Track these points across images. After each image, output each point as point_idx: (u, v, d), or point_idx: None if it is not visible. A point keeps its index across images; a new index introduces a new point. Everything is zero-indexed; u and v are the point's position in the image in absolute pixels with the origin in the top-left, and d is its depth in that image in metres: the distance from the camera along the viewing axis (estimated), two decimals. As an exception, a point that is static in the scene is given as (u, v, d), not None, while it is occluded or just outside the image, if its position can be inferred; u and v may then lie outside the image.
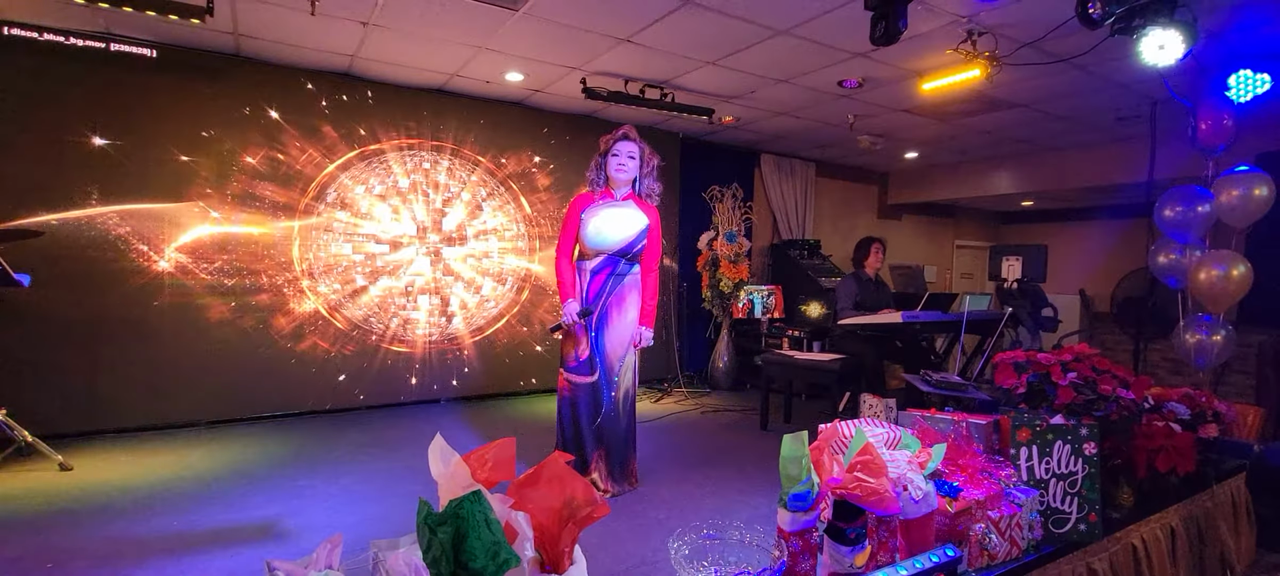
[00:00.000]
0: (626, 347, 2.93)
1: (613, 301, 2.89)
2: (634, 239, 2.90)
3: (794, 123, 5.65)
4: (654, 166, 3.03)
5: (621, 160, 2.90)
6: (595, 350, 2.86)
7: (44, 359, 3.73)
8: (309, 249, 4.48)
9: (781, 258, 6.77)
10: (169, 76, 3.99)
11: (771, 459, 3.58)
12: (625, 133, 2.94)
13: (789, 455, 1.75)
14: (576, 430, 2.88)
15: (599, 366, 2.87)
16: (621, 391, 2.93)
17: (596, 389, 2.87)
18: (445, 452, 1.39)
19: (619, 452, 2.94)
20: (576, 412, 2.87)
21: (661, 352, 5.99)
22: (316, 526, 2.56)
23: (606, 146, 2.93)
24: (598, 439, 2.88)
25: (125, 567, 2.19)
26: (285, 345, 4.41)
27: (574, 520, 1.39)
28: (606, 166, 2.91)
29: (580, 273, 2.91)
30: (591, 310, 2.85)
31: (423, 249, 4.91)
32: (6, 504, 2.76)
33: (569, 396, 2.89)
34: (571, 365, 2.88)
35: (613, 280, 2.89)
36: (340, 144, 4.55)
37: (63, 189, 3.77)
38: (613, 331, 2.89)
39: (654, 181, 3.03)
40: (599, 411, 2.88)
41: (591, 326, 2.86)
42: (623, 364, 2.92)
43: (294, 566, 1.54)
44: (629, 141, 2.93)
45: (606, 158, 2.92)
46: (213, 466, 3.33)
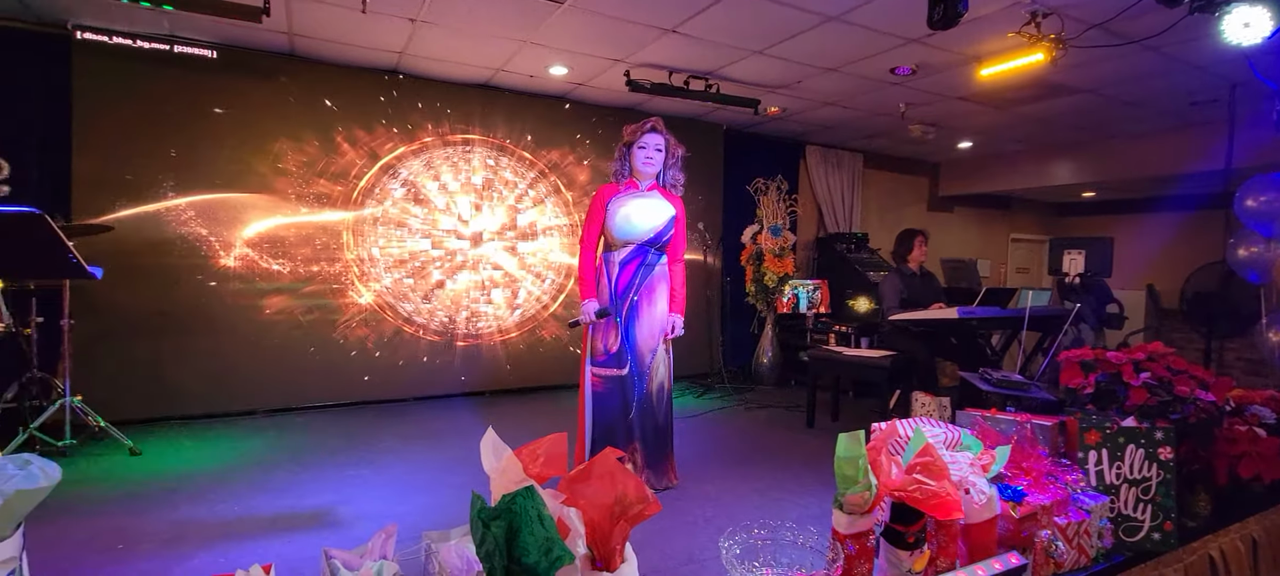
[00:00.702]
0: (658, 339, 2.88)
1: (643, 292, 2.84)
2: (663, 229, 2.87)
3: (842, 113, 5.51)
4: (678, 158, 2.98)
5: (649, 152, 2.86)
6: (626, 343, 2.81)
7: (115, 349, 3.92)
8: (359, 243, 4.59)
9: (828, 251, 6.62)
10: (228, 76, 4.13)
11: (820, 456, 3.51)
12: (652, 125, 2.90)
13: (845, 455, 1.69)
14: (609, 425, 2.82)
15: (630, 359, 2.82)
16: (656, 384, 2.88)
17: (627, 382, 2.81)
18: (497, 447, 1.38)
19: (657, 448, 2.89)
20: (609, 407, 2.82)
21: (704, 348, 5.94)
22: (368, 515, 2.61)
23: (632, 137, 2.89)
24: (630, 433, 2.83)
25: (189, 550, 2.27)
26: (336, 336, 4.53)
27: (625, 517, 1.36)
28: (632, 158, 2.88)
29: (608, 265, 2.88)
30: (609, 312, 2.81)
31: (468, 242, 4.97)
32: (81, 486, 2.91)
33: (600, 391, 2.83)
34: (600, 359, 2.83)
35: (642, 271, 2.84)
36: (389, 140, 4.64)
37: (131, 186, 3.95)
38: (643, 323, 2.84)
39: (678, 172, 2.98)
40: (630, 405, 2.82)
41: (621, 318, 2.82)
42: (655, 356, 2.87)
43: (349, 555, 1.57)
44: (656, 133, 2.89)
45: (632, 149, 2.88)
46: (270, 453, 3.44)
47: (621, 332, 2.81)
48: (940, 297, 4.36)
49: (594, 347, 2.85)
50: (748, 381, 5.80)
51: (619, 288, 2.82)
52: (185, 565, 2.16)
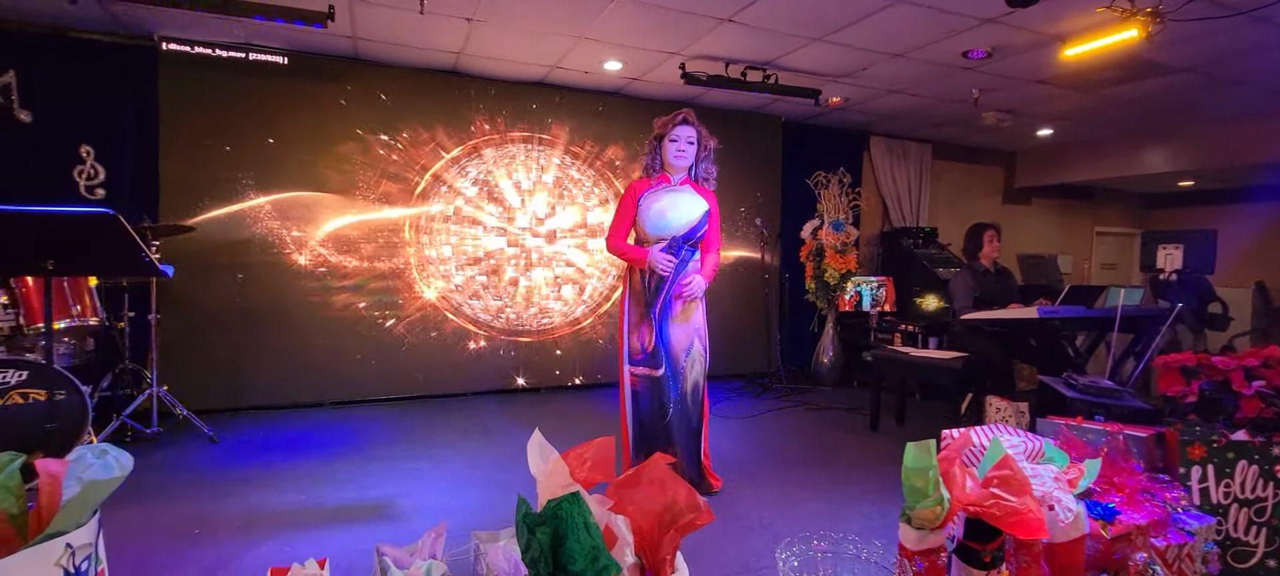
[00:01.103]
0: (692, 338, 2.77)
1: (676, 291, 2.75)
2: (697, 224, 2.77)
3: (909, 101, 5.25)
4: (711, 150, 2.87)
5: (681, 145, 2.77)
6: (660, 341, 2.72)
7: (197, 342, 4.16)
8: (419, 240, 4.70)
9: (893, 247, 6.35)
10: (298, 80, 4.30)
11: (884, 462, 3.35)
12: (684, 116, 2.80)
13: (914, 465, 1.57)
14: (647, 427, 2.75)
15: (664, 358, 2.73)
16: (690, 384, 2.77)
17: (663, 383, 2.72)
18: (544, 449, 1.35)
19: (690, 450, 2.78)
20: (645, 408, 2.74)
21: (761, 346, 5.80)
22: (425, 509, 2.65)
23: (663, 130, 2.80)
24: (668, 436, 2.75)
25: (259, 538, 2.35)
26: (398, 331, 4.66)
27: (676, 526, 1.30)
28: (663, 151, 2.80)
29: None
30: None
31: (524, 239, 5.01)
32: (165, 470, 3.08)
33: (639, 390, 2.76)
34: (637, 358, 2.76)
35: (676, 267, 2.75)
36: (448, 139, 4.73)
37: (211, 188, 4.16)
38: (677, 323, 2.75)
39: (711, 165, 2.87)
40: (667, 407, 2.73)
41: (655, 316, 2.74)
42: (689, 355, 2.76)
43: (400, 553, 1.57)
44: (688, 125, 2.79)
45: (663, 142, 2.80)
46: (337, 445, 3.56)
47: (656, 331, 2.72)
48: (1016, 296, 4.09)
49: (630, 346, 2.78)
50: (807, 381, 5.63)
51: (652, 286, 2.75)
52: (254, 553, 2.24)
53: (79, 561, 1.36)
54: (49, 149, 3.90)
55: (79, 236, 1.75)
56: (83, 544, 1.37)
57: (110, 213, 1.71)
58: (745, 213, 5.78)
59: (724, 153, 5.74)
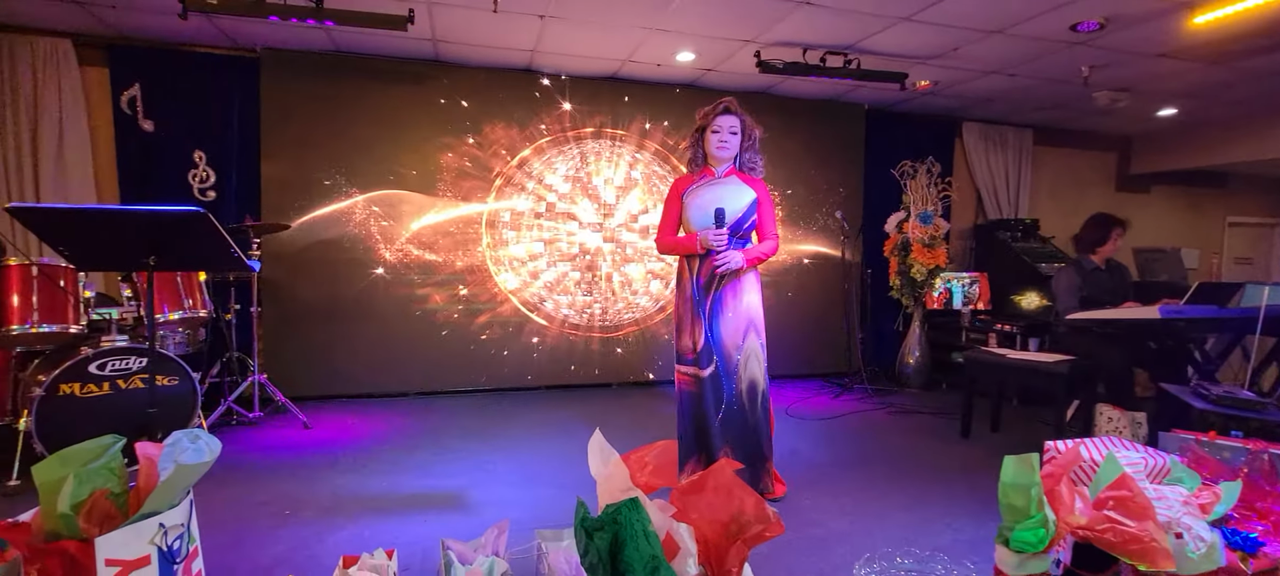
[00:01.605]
0: (745, 334, 2.63)
1: (727, 287, 2.62)
2: (743, 215, 2.63)
3: (1007, 82, 4.85)
4: (755, 139, 2.72)
5: (723, 136, 2.64)
6: (711, 339, 2.61)
7: (294, 333, 4.43)
8: (497, 236, 4.80)
9: (988, 240, 5.91)
10: (383, 84, 4.49)
11: (977, 471, 3.10)
12: (726, 105, 2.67)
13: (1014, 481, 1.41)
14: (697, 428, 2.64)
15: (716, 356, 2.61)
16: (745, 383, 2.62)
17: (713, 382, 2.61)
18: (605, 450, 1.31)
19: (750, 453, 2.63)
20: (696, 409, 2.63)
21: (841, 346, 5.56)
22: (494, 501, 2.68)
23: (705, 121, 2.68)
24: (721, 438, 2.62)
25: (341, 521, 2.46)
26: (476, 325, 4.78)
27: (743, 538, 1.22)
28: (705, 143, 2.68)
29: (689, 258, 2.70)
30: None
31: (598, 234, 5.02)
32: (264, 453, 3.29)
33: (689, 391, 2.66)
34: (687, 357, 2.66)
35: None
36: (522, 137, 4.80)
37: (307, 188, 4.42)
38: (728, 318, 2.62)
39: (756, 154, 2.73)
40: (718, 407, 2.61)
41: (705, 315, 2.63)
42: (742, 352, 2.62)
43: (465, 548, 1.57)
44: (730, 115, 2.66)
45: (705, 134, 2.68)
46: (416, 434, 3.69)
47: (705, 329, 2.61)
48: (1131, 294, 3.69)
49: (680, 345, 2.69)
50: (890, 383, 5.34)
51: (701, 282, 2.64)
52: (336, 536, 2.34)
53: (172, 540, 1.44)
54: (168, 155, 4.26)
55: (175, 233, 1.88)
56: (175, 524, 1.45)
57: (200, 211, 1.82)
58: (826, 206, 5.54)
59: (802, 143, 5.55)
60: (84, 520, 1.29)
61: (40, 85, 3.97)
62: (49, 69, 3.99)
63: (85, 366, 2.84)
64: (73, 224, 1.84)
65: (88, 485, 1.32)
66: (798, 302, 5.49)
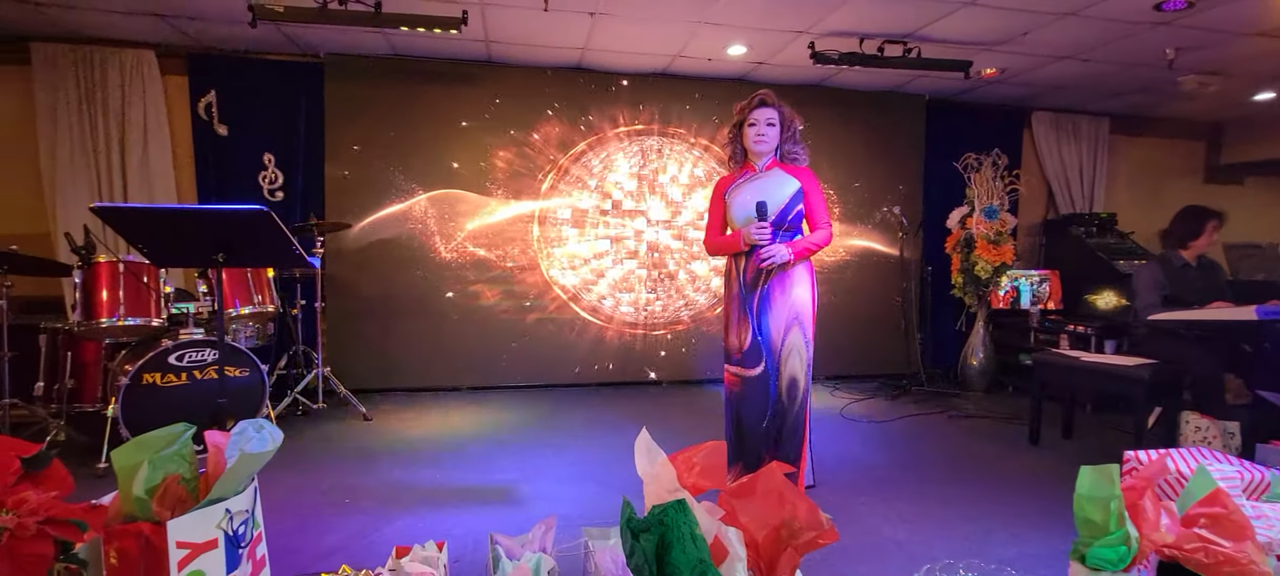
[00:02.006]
0: (789, 328, 2.54)
1: (775, 282, 2.53)
2: (787, 207, 2.54)
3: (1081, 68, 4.57)
4: (795, 131, 2.62)
5: (759, 129, 2.56)
6: (759, 336, 2.53)
7: (355, 328, 4.59)
8: (548, 233, 4.85)
9: (1059, 236, 5.59)
10: (439, 86, 4.60)
11: (1046, 481, 2.92)
12: (761, 98, 2.58)
13: (1091, 494, 1.31)
14: (743, 430, 2.58)
15: (765, 355, 2.54)
16: (786, 379, 2.54)
17: (762, 382, 2.53)
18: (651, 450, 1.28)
19: (790, 451, 2.55)
20: (744, 410, 2.57)
21: (899, 346, 5.36)
22: (544, 496, 2.70)
23: (740, 116, 2.61)
24: (767, 439, 2.54)
25: (396, 511, 2.52)
26: (528, 321, 4.84)
27: (795, 544, 1.18)
28: (743, 138, 2.60)
29: (735, 257, 2.63)
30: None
31: (648, 232, 5.00)
32: (327, 444, 3.42)
33: (738, 392, 2.59)
34: (735, 357, 2.59)
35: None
36: (573, 134, 4.83)
37: (368, 188, 4.57)
38: (776, 314, 2.54)
39: (795, 145, 2.62)
40: (767, 407, 2.53)
41: (752, 312, 2.55)
42: (785, 345, 2.53)
43: (512, 543, 1.58)
44: (766, 107, 2.57)
45: (741, 129, 2.61)
46: (469, 428, 3.76)
47: (754, 327, 2.54)
48: (1224, 293, 3.41)
49: (728, 345, 2.63)
50: (951, 385, 5.12)
51: (748, 279, 2.57)
52: (392, 525, 2.40)
53: (237, 525, 1.50)
54: (241, 158, 4.48)
55: (241, 232, 1.96)
56: (240, 510, 1.52)
57: (264, 210, 1.89)
58: (883, 202, 5.36)
59: (858, 137, 5.38)
60: (157, 503, 1.36)
61: (127, 95, 4.25)
62: (134, 79, 4.26)
63: (165, 357, 3.01)
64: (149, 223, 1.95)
65: (161, 470, 1.39)
66: (853, 301, 5.33)
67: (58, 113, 4.14)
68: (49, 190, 4.18)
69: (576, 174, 4.87)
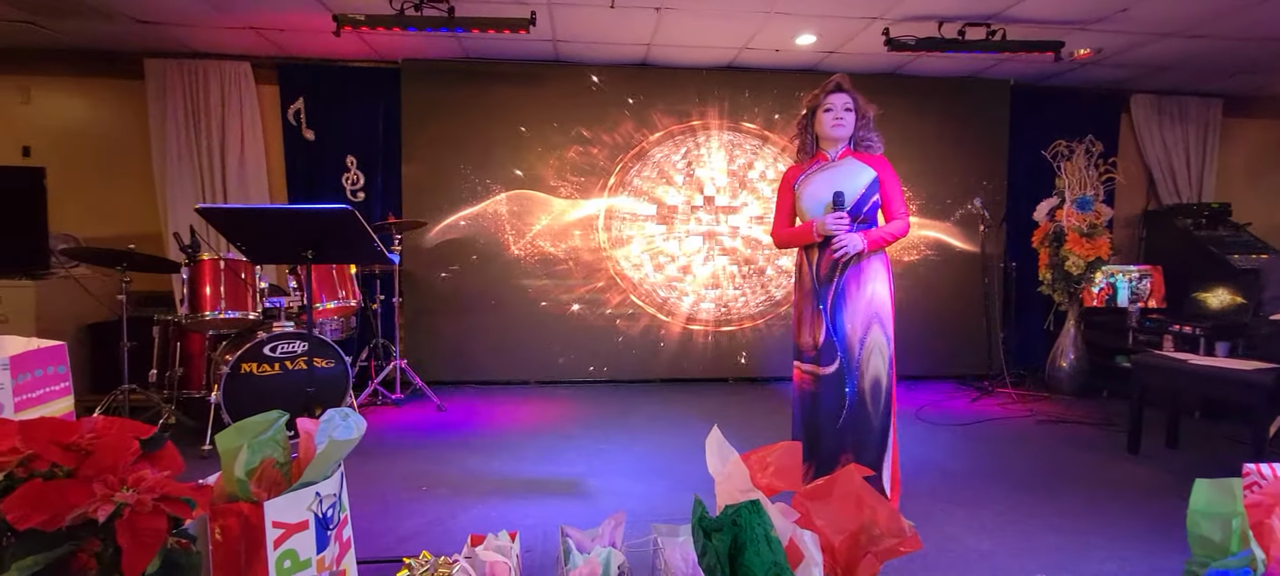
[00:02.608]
0: (869, 326, 2.43)
1: (850, 276, 2.43)
2: (862, 196, 2.43)
3: (1189, 45, 4.19)
4: (870, 118, 2.50)
5: (836, 114, 2.44)
6: (834, 333, 2.43)
7: (430, 322, 4.77)
8: (612, 230, 4.88)
9: (1162, 229, 5.17)
10: (508, 86, 4.71)
11: (1150, 495, 2.70)
12: (836, 83, 2.46)
13: (1208, 510, 1.20)
14: (815, 430, 2.48)
15: (839, 352, 2.44)
16: (868, 380, 2.44)
17: (836, 380, 2.43)
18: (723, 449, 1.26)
19: (872, 455, 2.44)
20: (816, 409, 2.47)
21: (979, 345, 5.09)
22: (611, 491, 2.72)
23: (814, 103, 2.50)
24: (839, 441, 2.44)
25: (470, 500, 2.60)
26: (594, 317, 4.90)
27: (875, 551, 1.13)
28: (817, 123, 2.50)
29: (807, 249, 2.52)
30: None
31: (713, 229, 4.96)
32: (404, 432, 3.58)
33: (808, 391, 2.49)
34: (807, 354, 2.49)
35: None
36: (638, 130, 4.84)
37: (442, 187, 4.74)
38: (851, 310, 2.43)
39: (870, 133, 2.51)
40: (843, 406, 2.43)
41: (826, 308, 2.44)
42: (865, 346, 2.43)
43: (583, 536, 1.60)
44: (841, 93, 2.45)
45: (815, 116, 2.50)
46: (537, 421, 3.84)
47: (828, 323, 2.44)
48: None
49: (801, 341, 2.53)
50: (1039, 387, 4.81)
51: (821, 273, 2.47)
52: (466, 514, 2.48)
53: (326, 508, 1.58)
54: (327, 161, 4.74)
55: (327, 230, 2.07)
56: (329, 493, 1.60)
57: (349, 209, 1.99)
58: (963, 193, 5.10)
59: (935, 126, 5.15)
60: (255, 485, 1.45)
61: (226, 104, 4.57)
62: (231, 89, 4.57)
63: (260, 349, 3.22)
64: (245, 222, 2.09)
65: (258, 454, 1.48)
66: (930, 297, 5.10)
67: (167, 122, 4.50)
68: (160, 193, 4.55)
69: (641, 170, 4.88)
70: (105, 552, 1.05)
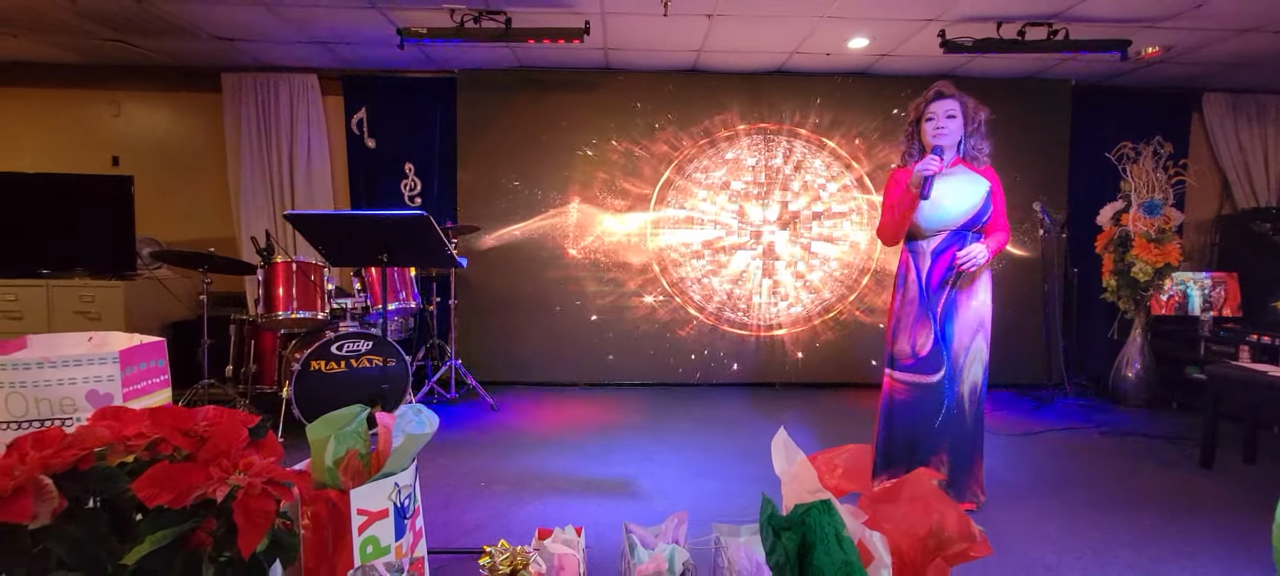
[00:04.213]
0: (974, 335, 2.44)
1: (954, 263, 2.42)
2: (979, 209, 2.43)
3: (1270, 41, 3.99)
4: (980, 122, 2.47)
5: (938, 122, 2.42)
6: (941, 343, 2.42)
7: (483, 324, 4.91)
8: (660, 237, 4.93)
9: (1237, 234, 4.92)
10: (560, 95, 4.82)
11: (1228, 512, 2.59)
12: (939, 90, 2.45)
13: (1297, 526, 1.16)
14: (910, 437, 2.47)
15: (945, 361, 2.43)
16: (968, 386, 2.46)
17: (939, 389, 2.42)
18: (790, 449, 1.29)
19: (966, 458, 2.46)
20: (910, 417, 2.46)
21: (1038, 354, 4.94)
22: (664, 491, 2.76)
23: (918, 112, 2.50)
24: (934, 445, 2.43)
25: (528, 496, 2.68)
26: (641, 323, 4.95)
27: (944, 554, 1.14)
28: (921, 134, 2.48)
29: (916, 255, 2.49)
30: (934, 297, 2.41)
31: (761, 233, 4.95)
32: (461, 430, 3.69)
33: (903, 399, 2.48)
34: (907, 363, 2.47)
35: (954, 245, 2.43)
36: (686, 137, 4.88)
37: (495, 193, 4.88)
38: (961, 319, 2.43)
39: (981, 140, 2.49)
40: (940, 412, 2.42)
41: (936, 317, 2.43)
42: (970, 353, 2.44)
43: (646, 533, 1.64)
44: (945, 99, 2.44)
45: (919, 125, 2.48)
46: (586, 423, 3.91)
47: (936, 332, 2.43)
48: None
49: (899, 349, 2.51)
50: (1102, 398, 4.64)
51: (932, 282, 2.45)
52: (524, 509, 2.56)
53: (403, 498, 1.67)
54: (387, 168, 4.94)
55: (403, 234, 2.18)
56: (406, 484, 1.69)
57: (423, 214, 2.09)
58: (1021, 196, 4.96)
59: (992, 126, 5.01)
60: (342, 474, 1.55)
61: (295, 114, 4.81)
62: (300, 100, 4.81)
63: (328, 347, 3.38)
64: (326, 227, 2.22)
65: (344, 445, 1.57)
66: (984, 304, 4.97)
67: (242, 131, 4.76)
68: (234, 199, 4.82)
69: (690, 176, 4.91)
70: (220, 530, 1.14)
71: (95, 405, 1.70)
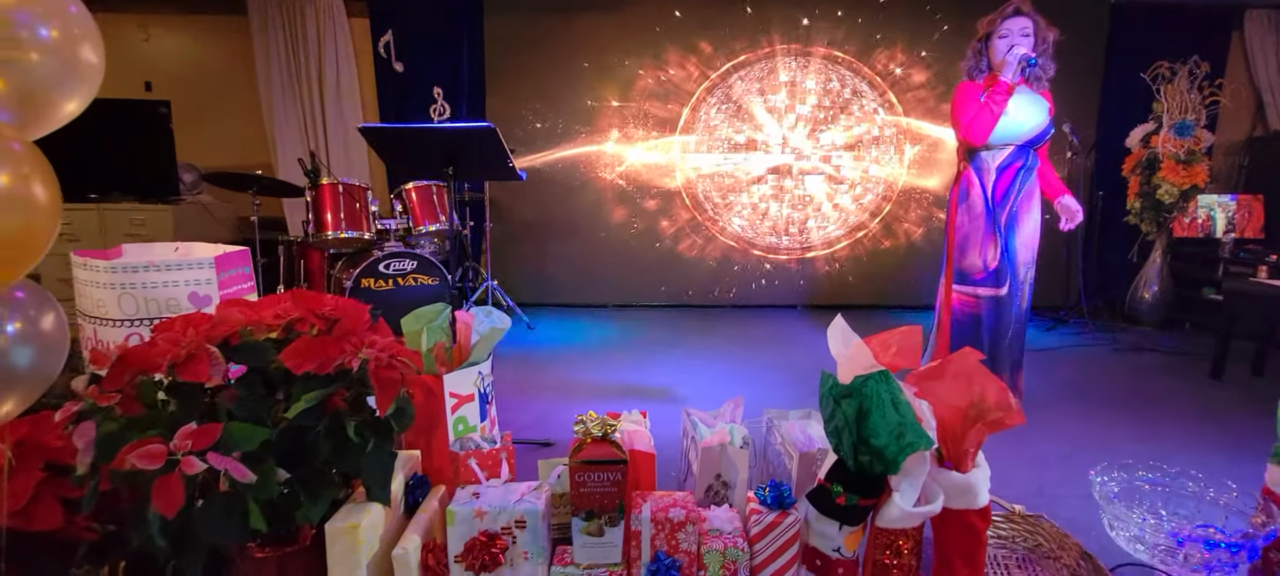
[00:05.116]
0: (1032, 251, 2.60)
1: (1023, 199, 2.55)
2: (1044, 128, 2.54)
3: (1319, -47, 3.88)
4: (1050, 43, 2.50)
5: (1013, 40, 2.45)
6: (1006, 256, 2.54)
7: (516, 247, 5.07)
8: (690, 160, 4.99)
9: (1268, 156, 4.90)
10: (586, 16, 4.79)
11: (1229, 413, 2.77)
12: (1016, 7, 2.46)
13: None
14: (990, 350, 2.59)
15: (1010, 274, 2.55)
16: (1026, 300, 2.64)
17: (1005, 303, 2.55)
18: (846, 333, 1.43)
19: (1013, 371, 2.66)
20: (979, 331, 2.58)
21: (1056, 275, 5.03)
22: (701, 396, 2.95)
23: (990, 27, 2.51)
24: (1004, 362, 2.60)
25: (573, 402, 2.89)
26: (669, 246, 5.08)
27: (984, 421, 1.30)
28: (991, 51, 2.52)
29: (980, 170, 2.58)
30: (999, 211, 2.52)
31: (786, 158, 5.00)
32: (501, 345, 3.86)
33: (970, 313, 2.59)
34: (977, 277, 2.57)
35: (1023, 174, 2.54)
36: (715, 58, 4.86)
37: (525, 118, 4.93)
38: (1022, 232, 2.57)
39: (1049, 61, 2.53)
40: (1007, 328, 2.57)
41: (1000, 229, 2.54)
42: (1028, 270, 2.60)
43: (705, 415, 1.82)
44: (1021, 16, 2.46)
45: (990, 41, 2.51)
46: (620, 339, 4.10)
47: (1002, 245, 2.54)
48: None
49: (969, 263, 2.60)
50: (1118, 318, 4.77)
51: (996, 196, 2.55)
52: (573, 409, 2.75)
53: (485, 385, 1.85)
54: (415, 92, 4.96)
55: (468, 146, 2.29)
56: (486, 373, 1.87)
57: (490, 126, 2.19)
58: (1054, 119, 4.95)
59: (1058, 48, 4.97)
60: (436, 361, 1.72)
61: (322, 37, 4.82)
62: (327, 23, 4.81)
63: (377, 265, 3.55)
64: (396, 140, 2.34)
65: (434, 337, 1.74)
66: (1006, 228, 5.05)
67: (271, 56, 4.80)
68: (268, 123, 4.90)
69: (721, 100, 4.92)
70: (351, 396, 1.32)
71: (196, 305, 1.88)
